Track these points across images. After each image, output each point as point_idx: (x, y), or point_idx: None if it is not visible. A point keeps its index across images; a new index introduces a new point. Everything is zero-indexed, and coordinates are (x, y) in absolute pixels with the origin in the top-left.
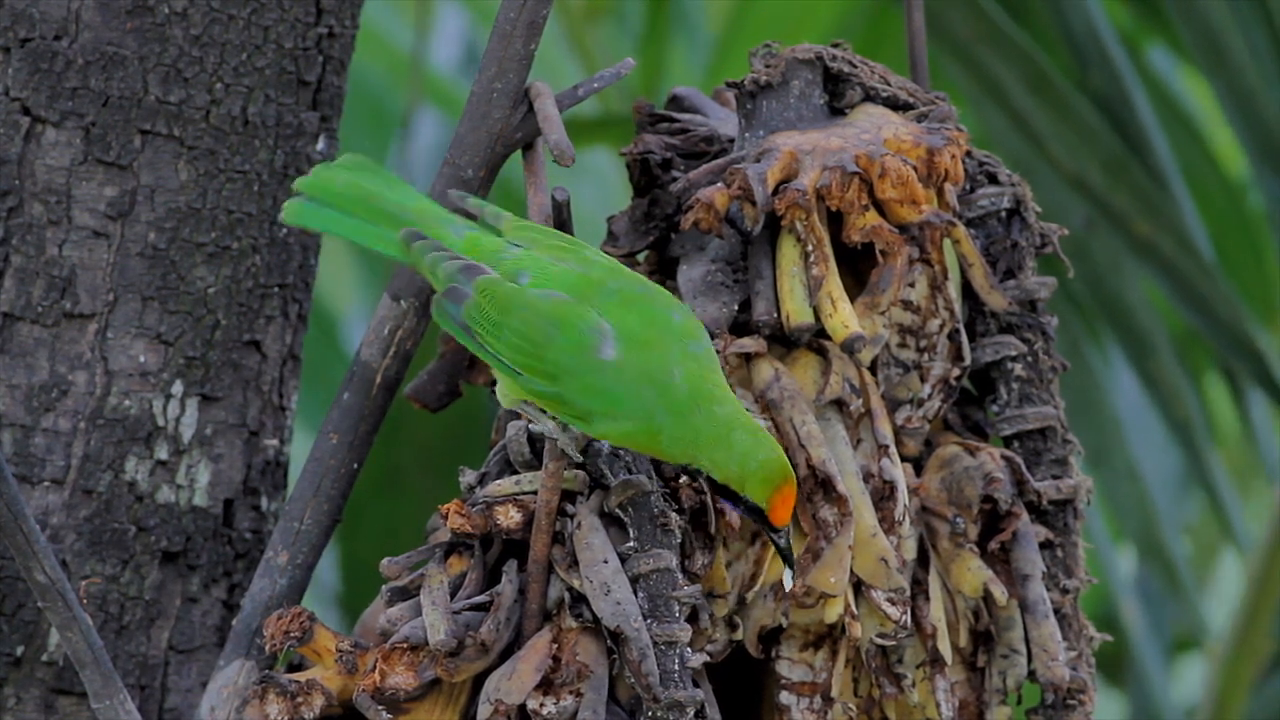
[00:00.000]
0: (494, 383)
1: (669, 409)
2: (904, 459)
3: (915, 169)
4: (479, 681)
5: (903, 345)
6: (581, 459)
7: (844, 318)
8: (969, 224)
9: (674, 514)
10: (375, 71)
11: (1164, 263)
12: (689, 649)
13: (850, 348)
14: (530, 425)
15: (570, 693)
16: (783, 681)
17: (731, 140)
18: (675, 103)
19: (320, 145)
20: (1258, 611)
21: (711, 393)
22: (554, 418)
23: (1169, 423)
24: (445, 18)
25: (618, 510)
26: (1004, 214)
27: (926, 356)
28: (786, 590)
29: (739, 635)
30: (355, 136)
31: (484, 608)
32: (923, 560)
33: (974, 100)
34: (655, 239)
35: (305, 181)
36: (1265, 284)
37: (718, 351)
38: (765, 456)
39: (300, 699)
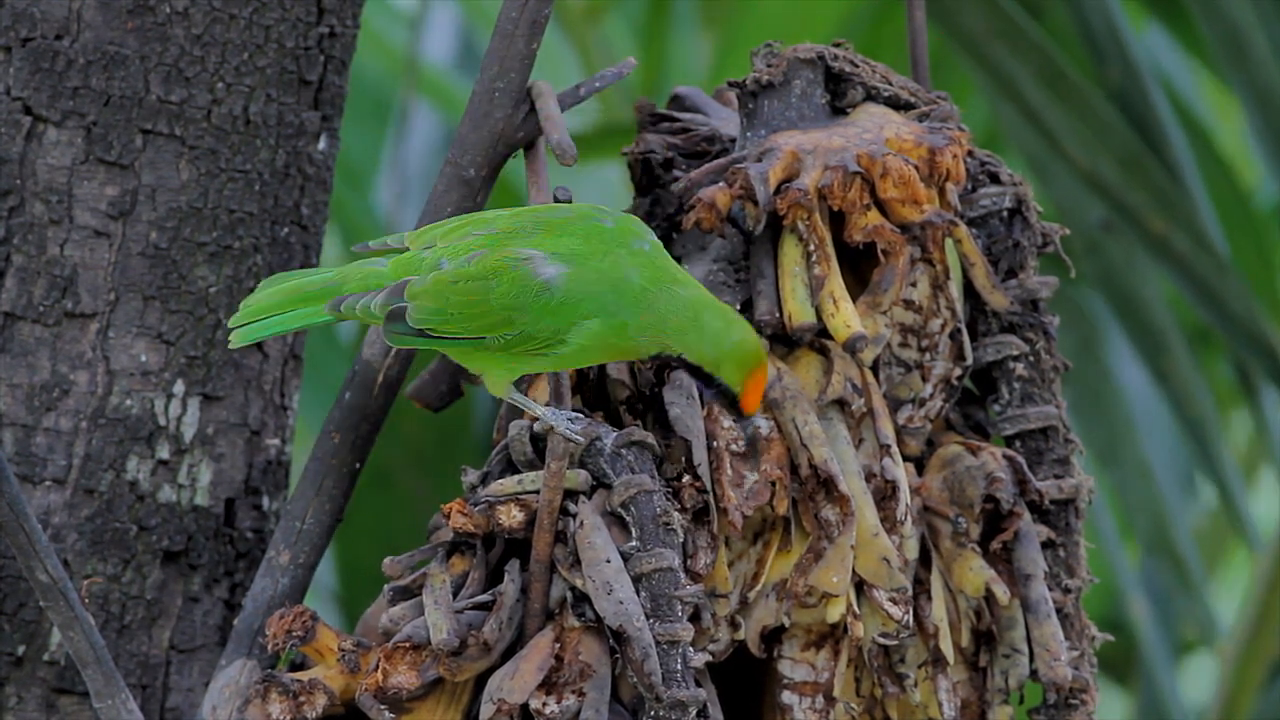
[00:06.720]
0: None
1: (630, 303)
2: (906, 458)
3: (917, 168)
4: (481, 681)
5: (904, 345)
6: (583, 440)
7: (846, 317)
8: (971, 223)
9: (676, 513)
10: (370, 67)
11: (1180, 260)
12: (691, 648)
13: (852, 347)
14: (533, 424)
15: (573, 692)
16: (785, 681)
17: (733, 140)
18: (677, 102)
19: (321, 145)
20: (1268, 611)
21: (673, 276)
22: (548, 401)
23: (1182, 421)
24: (439, 13)
25: (620, 509)
26: (1005, 213)
27: (928, 356)
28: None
29: (741, 635)
30: (350, 132)
31: (486, 607)
32: (925, 560)
33: (988, 97)
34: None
35: (237, 317)
36: (1271, 283)
37: None
38: (739, 338)
39: (302, 698)
